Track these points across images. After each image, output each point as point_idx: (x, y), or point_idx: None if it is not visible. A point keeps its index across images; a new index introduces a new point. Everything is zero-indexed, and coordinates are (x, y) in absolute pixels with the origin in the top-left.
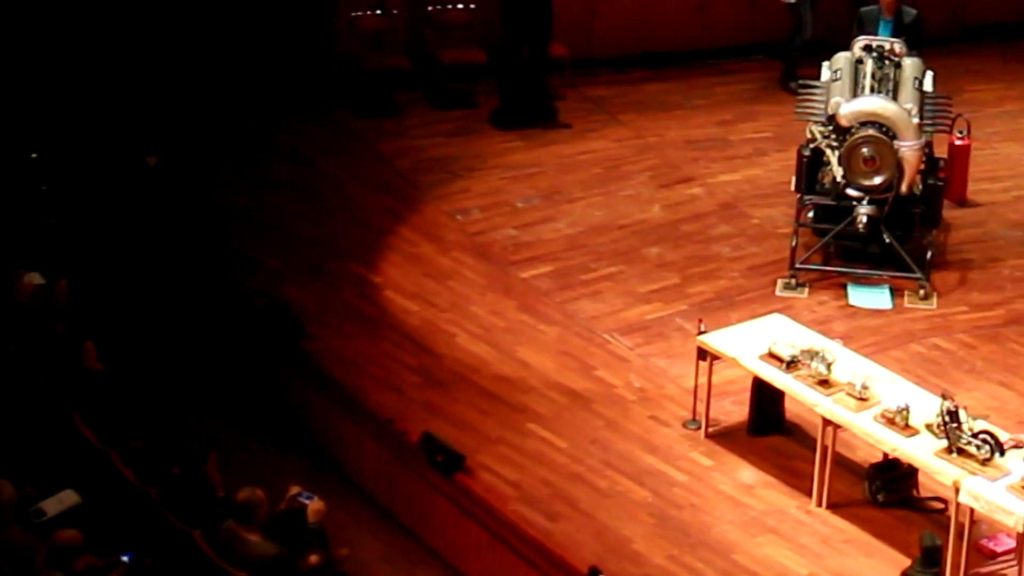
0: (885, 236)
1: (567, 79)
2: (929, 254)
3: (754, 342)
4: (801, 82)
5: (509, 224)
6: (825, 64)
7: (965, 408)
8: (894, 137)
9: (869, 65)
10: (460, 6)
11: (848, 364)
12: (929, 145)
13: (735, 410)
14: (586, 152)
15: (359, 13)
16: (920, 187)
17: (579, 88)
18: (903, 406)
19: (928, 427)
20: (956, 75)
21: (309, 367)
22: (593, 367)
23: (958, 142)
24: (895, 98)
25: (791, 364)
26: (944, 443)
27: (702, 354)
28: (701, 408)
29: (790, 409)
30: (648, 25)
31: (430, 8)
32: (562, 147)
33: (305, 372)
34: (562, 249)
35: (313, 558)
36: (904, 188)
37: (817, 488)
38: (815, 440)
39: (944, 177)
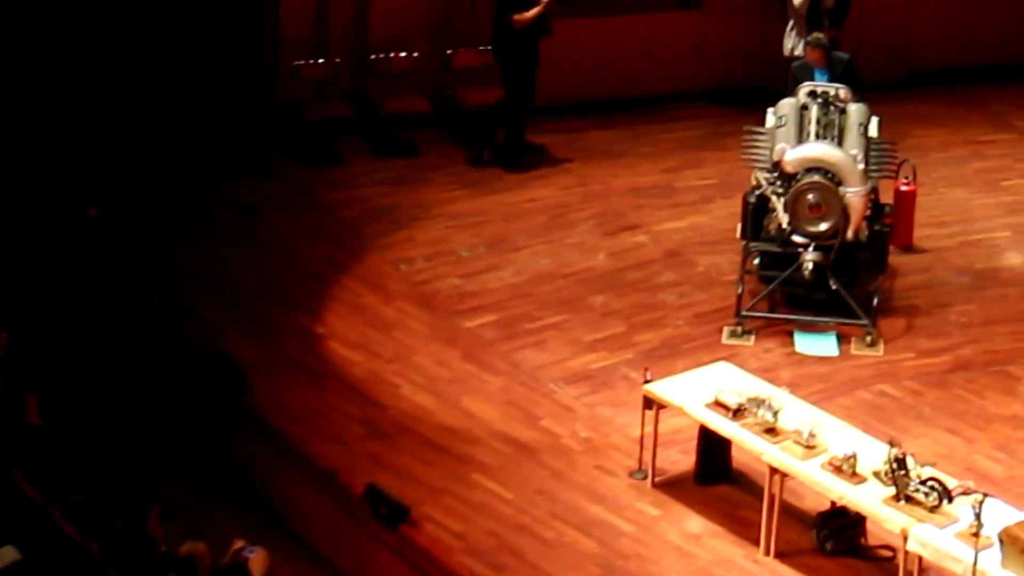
0: (831, 283)
1: (507, 127)
2: (875, 300)
3: (700, 390)
4: (745, 128)
5: (453, 273)
6: (770, 110)
7: (913, 455)
8: (840, 183)
9: (814, 111)
10: (403, 54)
11: (795, 412)
12: (875, 191)
13: (682, 459)
14: (531, 200)
15: (302, 62)
16: (866, 233)
17: (523, 136)
18: (850, 454)
19: (876, 474)
20: (901, 120)
21: (252, 419)
22: (539, 417)
23: (904, 188)
24: (840, 144)
25: (738, 412)
26: (892, 491)
27: (648, 403)
28: (648, 457)
29: (737, 458)
30: (593, 72)
31: (373, 56)
32: (506, 195)
33: (248, 424)
34: (507, 298)
35: None
36: (850, 234)
37: (765, 537)
38: (762, 489)
39: (890, 223)
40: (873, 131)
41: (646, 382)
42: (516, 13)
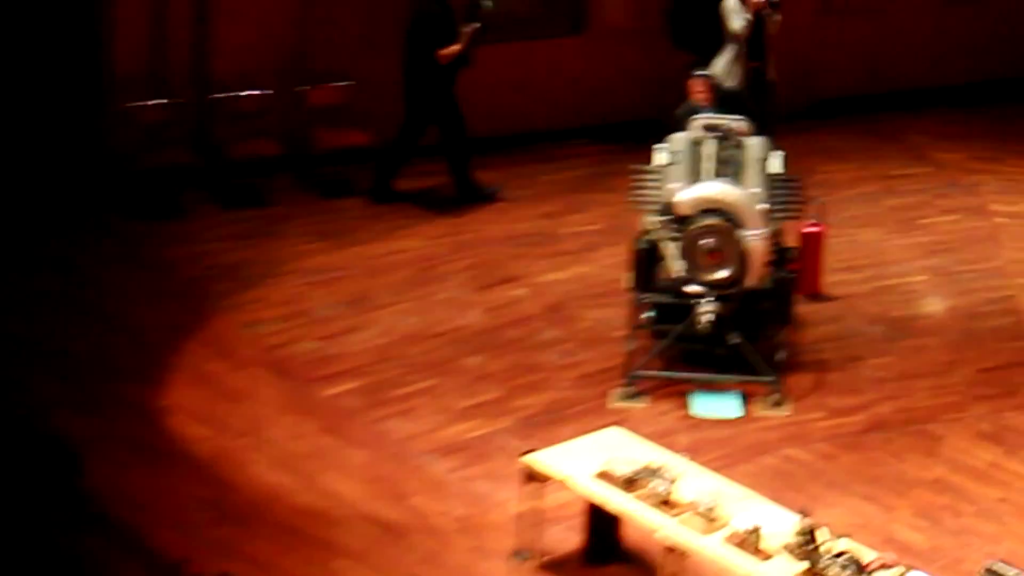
0: (731, 337)
1: (369, 170)
2: (781, 355)
3: (588, 460)
4: (633, 167)
5: (311, 336)
6: (660, 146)
7: (825, 526)
8: (739, 226)
9: (709, 146)
10: (251, 93)
11: (693, 481)
12: (778, 233)
13: (569, 537)
14: (396, 252)
15: (138, 103)
16: (769, 280)
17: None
18: (756, 526)
19: (785, 549)
20: (807, 154)
21: (86, 505)
22: (408, 494)
23: (811, 229)
24: (739, 182)
25: (630, 483)
26: (803, 566)
27: (529, 476)
28: (530, 536)
29: (630, 534)
30: (463, 107)
31: (217, 96)
32: (369, 247)
33: (81, 511)
34: (371, 362)
35: None
36: (751, 282)
37: None
38: (659, 568)
39: (795, 269)
40: (776, 167)
41: (527, 452)
42: (440, 48)
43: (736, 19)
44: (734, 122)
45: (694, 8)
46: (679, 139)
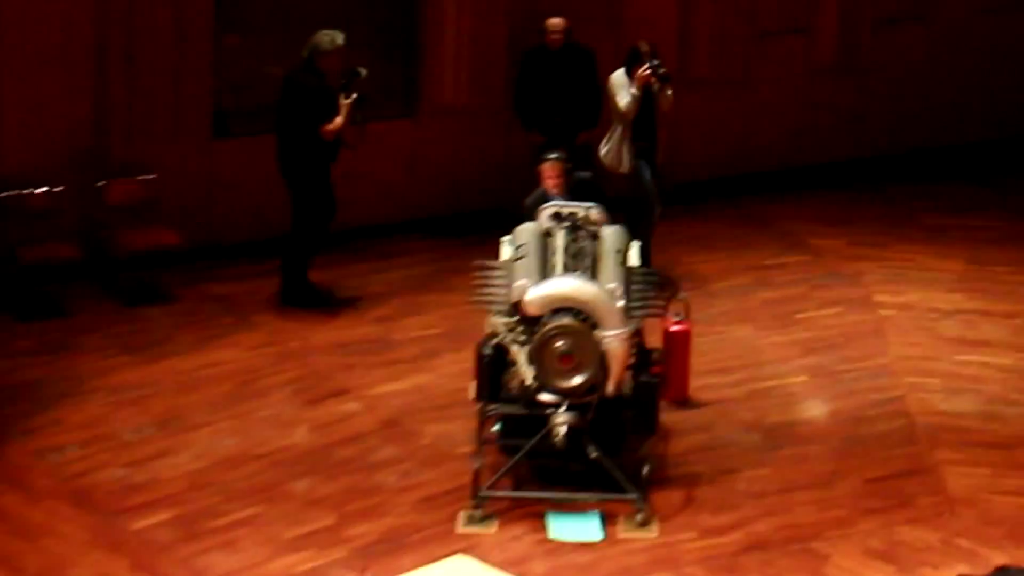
0: (590, 450)
1: (181, 273)
2: (646, 469)
3: None
4: (476, 263)
5: (116, 462)
6: (505, 239)
7: None
8: (595, 326)
9: (560, 238)
10: (42, 189)
11: None
12: (639, 333)
13: None
14: (211, 365)
15: None
16: (631, 386)
17: (198, 284)
18: None
19: None
20: (670, 244)
21: None
22: None
23: (675, 327)
24: (594, 277)
25: None
26: None
27: None
28: None
29: None
30: (281, 203)
31: (4, 194)
32: (180, 361)
33: None
34: (185, 489)
35: None
36: (611, 388)
37: None
38: None
39: (660, 372)
40: (634, 259)
41: None
42: (323, 123)
43: (623, 95)
44: (587, 210)
45: (549, 83)
46: (526, 231)
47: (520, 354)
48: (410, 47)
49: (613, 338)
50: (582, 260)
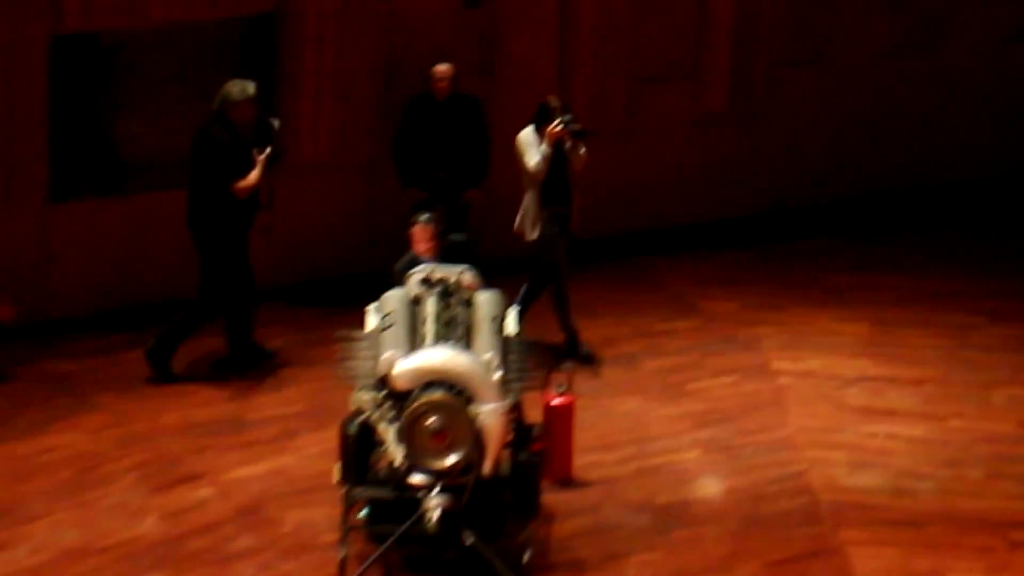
0: (466, 536)
1: (16, 350)
2: (527, 555)
3: None
4: (338, 334)
5: None
6: (371, 307)
7: None
8: (469, 400)
9: (430, 305)
10: None
11: None
12: (518, 407)
13: None
14: (49, 450)
15: None
16: (509, 465)
17: (34, 363)
18: None
19: None
20: (549, 311)
21: None
22: None
23: (557, 401)
24: (468, 347)
25: None
26: None
27: None
28: None
29: None
30: (128, 274)
31: None
32: (13, 446)
33: None
34: None
35: None
36: (487, 468)
37: None
38: None
39: (541, 449)
40: (512, 327)
41: None
42: (236, 180)
43: (532, 154)
44: (460, 274)
45: (433, 136)
46: (394, 298)
47: (388, 432)
48: (266, 99)
49: (489, 413)
50: (454, 329)
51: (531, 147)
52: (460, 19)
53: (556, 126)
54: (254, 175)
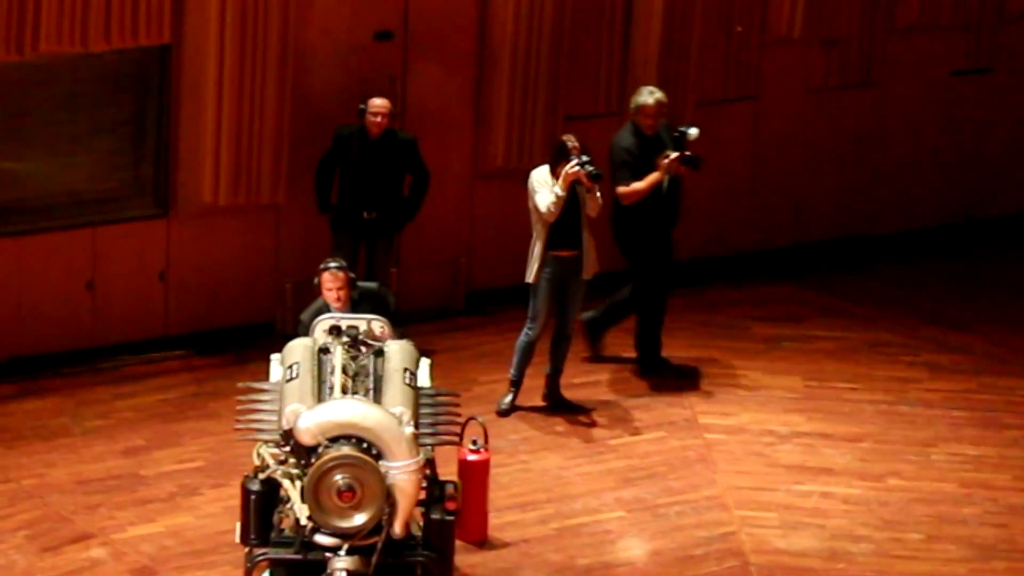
0: None
1: None
2: None
3: None
4: (241, 386)
5: None
6: (274, 357)
7: None
8: (379, 456)
9: (338, 355)
10: None
11: None
12: (431, 464)
13: None
14: None
15: None
16: (421, 525)
17: None
18: None
19: None
20: (463, 361)
21: None
22: None
23: (472, 457)
24: (378, 400)
25: None
26: None
27: None
28: None
29: None
30: (11, 321)
31: None
32: None
33: None
34: None
35: None
36: (398, 528)
37: None
38: None
39: (455, 509)
40: (424, 379)
41: None
42: (625, 184)
43: (544, 194)
44: (369, 323)
45: (362, 173)
46: (299, 347)
47: (293, 490)
48: (163, 135)
49: (400, 470)
50: (364, 380)
51: (544, 187)
52: (370, 54)
53: (573, 167)
54: (643, 183)
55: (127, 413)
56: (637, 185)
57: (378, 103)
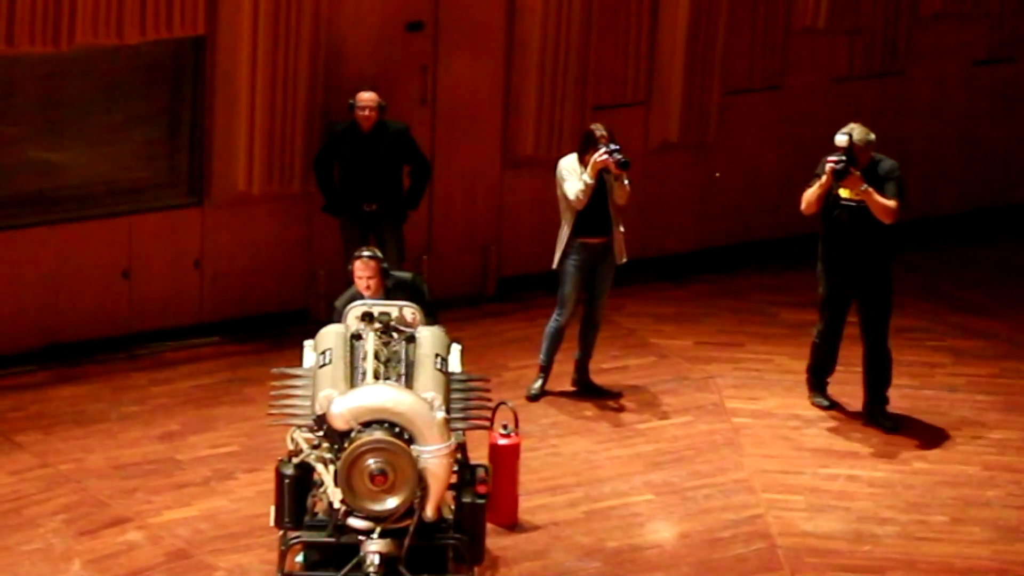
0: None
1: None
2: None
3: None
4: (275, 372)
5: None
6: (307, 343)
7: None
8: (411, 440)
9: (370, 342)
10: None
11: None
12: (462, 448)
13: None
14: None
15: None
16: (453, 509)
17: None
18: None
19: None
20: (493, 347)
21: None
22: None
23: (503, 441)
24: (410, 385)
25: None
26: None
27: None
28: None
29: None
30: (40, 306)
31: None
32: None
33: None
34: None
35: None
36: (430, 512)
37: None
38: None
39: (486, 492)
40: (455, 364)
41: None
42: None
43: (573, 181)
44: (401, 309)
45: (358, 167)
46: (331, 333)
47: (326, 474)
48: (198, 125)
49: (432, 454)
50: (395, 366)
51: (572, 175)
52: (401, 44)
53: (601, 155)
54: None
55: (163, 399)
56: None
57: (365, 97)
